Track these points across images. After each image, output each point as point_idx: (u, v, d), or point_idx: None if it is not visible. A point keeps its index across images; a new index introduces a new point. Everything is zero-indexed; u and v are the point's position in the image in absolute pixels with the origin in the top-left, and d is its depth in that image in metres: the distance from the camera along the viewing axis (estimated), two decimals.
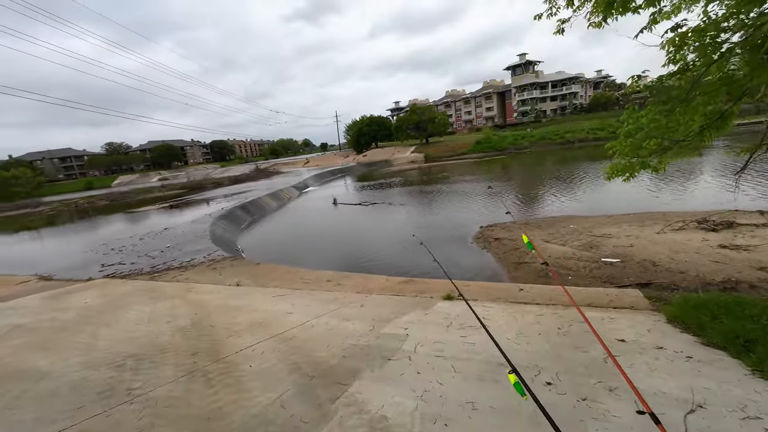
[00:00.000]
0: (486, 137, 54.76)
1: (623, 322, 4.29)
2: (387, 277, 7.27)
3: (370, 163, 54.37)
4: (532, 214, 14.32)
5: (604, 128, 49.62)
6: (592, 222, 11.63)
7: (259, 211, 22.69)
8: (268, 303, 5.87)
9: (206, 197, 31.25)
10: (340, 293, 6.41)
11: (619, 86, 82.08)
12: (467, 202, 18.38)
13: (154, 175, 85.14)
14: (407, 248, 11.66)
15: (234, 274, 8.66)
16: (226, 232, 16.30)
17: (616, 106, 68.30)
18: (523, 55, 72.47)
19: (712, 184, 15.82)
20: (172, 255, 11.34)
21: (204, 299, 6.27)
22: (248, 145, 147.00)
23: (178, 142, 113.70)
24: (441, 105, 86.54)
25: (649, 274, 7.31)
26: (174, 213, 23.98)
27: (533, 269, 8.52)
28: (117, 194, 45.32)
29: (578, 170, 24.58)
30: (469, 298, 5.93)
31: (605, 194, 16.35)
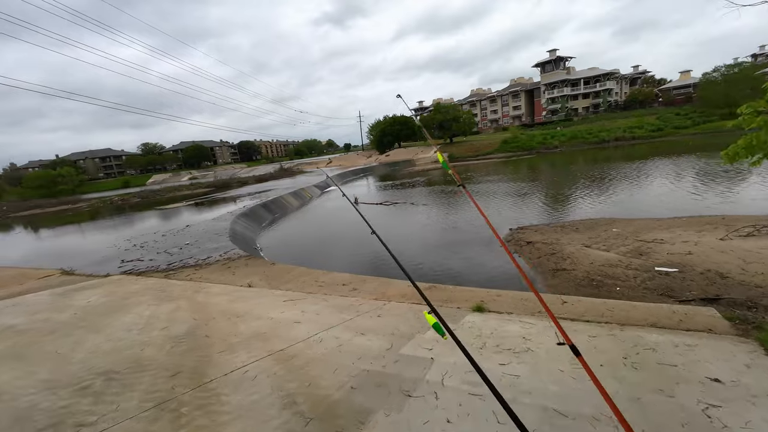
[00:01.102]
0: (513, 136, 52.76)
1: (706, 351, 3.41)
2: (408, 283, 6.57)
3: (393, 163, 53.74)
4: (567, 216, 13.19)
5: (643, 126, 46.63)
6: (637, 225, 10.43)
7: (281, 209, 22.59)
8: (277, 308, 5.34)
9: (231, 195, 31.70)
10: (355, 300, 5.80)
11: (658, 82, 77.27)
12: (493, 202, 17.36)
13: (185, 174, 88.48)
14: (430, 250, 10.93)
15: (248, 274, 8.26)
16: (246, 230, 16.16)
17: (655, 103, 64.23)
18: (554, 51, 69.49)
19: (762, 186, 14.01)
20: (189, 252, 11.17)
21: (210, 302, 5.83)
22: (274, 146, 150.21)
23: (207, 143, 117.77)
24: (466, 104, 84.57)
25: (716, 288, 6.23)
26: (198, 210, 24.34)
27: (573, 277, 7.57)
28: (149, 192, 47.12)
29: (615, 171, 22.86)
30: (503, 310, 5.17)
31: (644, 196, 14.89)
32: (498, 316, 4.86)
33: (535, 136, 51.38)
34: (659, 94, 67.07)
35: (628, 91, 71.43)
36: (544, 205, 15.80)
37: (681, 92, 62.99)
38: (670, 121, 46.49)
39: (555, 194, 17.92)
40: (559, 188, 19.42)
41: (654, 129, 45.20)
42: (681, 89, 63.71)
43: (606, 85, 66.50)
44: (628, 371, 2.96)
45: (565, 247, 9.24)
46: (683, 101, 58.25)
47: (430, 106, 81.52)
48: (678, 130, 43.92)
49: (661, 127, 45.30)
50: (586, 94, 68.18)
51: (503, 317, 4.80)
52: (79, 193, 65.60)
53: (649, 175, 19.37)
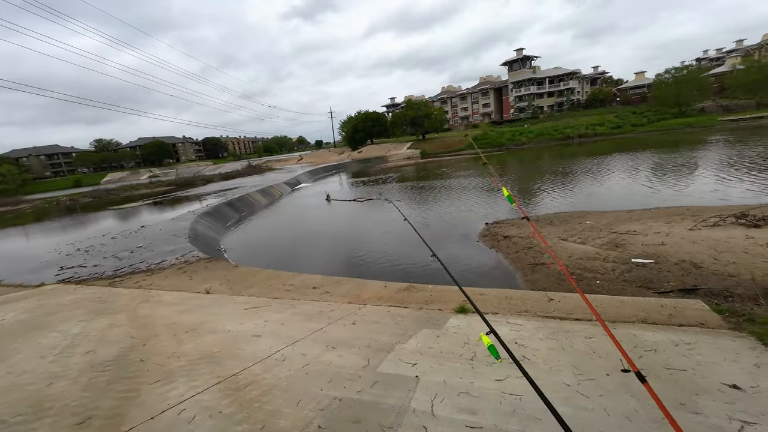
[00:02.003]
0: (483, 133, 53.70)
1: (708, 350, 3.15)
2: (385, 283, 6.09)
3: (366, 159, 53.09)
4: (540, 210, 13.22)
5: (604, 124, 48.85)
6: (610, 218, 10.54)
7: (248, 208, 21.39)
8: (236, 319, 4.67)
9: (194, 194, 29.84)
10: (327, 305, 5.22)
11: (616, 82, 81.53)
12: (467, 197, 17.25)
13: (144, 172, 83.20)
14: (405, 247, 10.50)
15: (207, 278, 7.43)
16: (209, 231, 15.03)
17: (614, 102, 67.66)
18: (521, 50, 71.42)
19: (711, 179, 14.76)
20: (142, 256, 10.07)
21: (156, 314, 5.04)
22: (242, 143, 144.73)
23: (169, 139, 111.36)
24: (437, 101, 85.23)
25: (692, 278, 6.22)
26: (156, 210, 22.59)
27: (553, 272, 7.40)
28: (102, 191, 43.61)
29: (581, 166, 23.57)
30: (488, 310, 4.78)
31: (611, 189, 15.27)
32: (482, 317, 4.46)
33: (504, 133, 52.53)
34: (617, 94, 70.74)
35: (589, 91, 74.81)
36: (518, 200, 15.86)
37: (637, 92, 66.74)
38: (627, 119, 49.01)
39: (527, 189, 18.10)
40: (531, 183, 19.69)
41: (614, 126, 47.48)
42: (637, 89, 67.50)
43: (569, 84, 69.23)
44: (637, 381, 2.61)
45: (541, 241, 9.11)
46: (639, 100, 61.72)
47: (402, 103, 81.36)
48: (635, 128, 46.37)
49: (620, 124, 47.66)
50: (551, 93, 70.65)
51: (490, 319, 4.39)
52: (22, 193, 59.67)
53: (612, 170, 20.05)
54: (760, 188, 12.19)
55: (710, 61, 74.11)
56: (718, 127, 38.55)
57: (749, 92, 45.80)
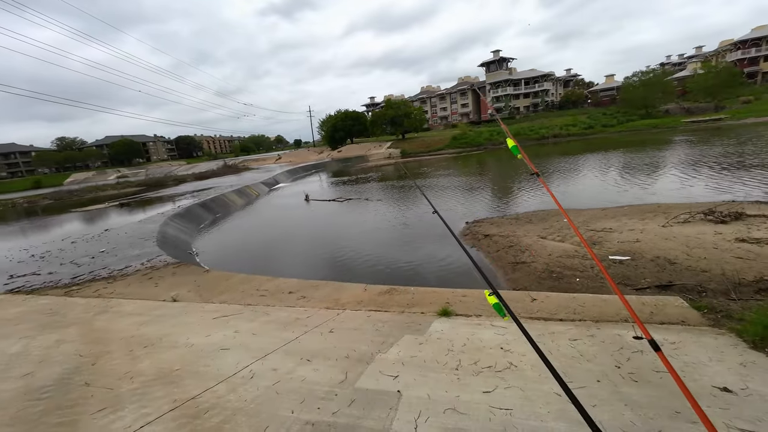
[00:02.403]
0: (462, 133, 54.35)
1: (693, 349, 3.11)
2: (365, 286, 5.86)
3: (345, 159, 52.60)
4: (519, 208, 13.34)
5: (577, 124, 50.49)
6: (586, 215, 10.73)
7: (223, 209, 20.60)
8: (203, 330, 4.30)
9: (165, 194, 28.52)
10: (303, 310, 4.94)
11: (587, 84, 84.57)
12: (448, 197, 17.26)
13: (112, 172, 79.22)
14: (386, 248, 10.30)
15: (174, 284, 6.96)
16: (180, 233, 14.31)
17: (586, 104, 70.15)
18: (497, 52, 72.81)
19: (676, 177, 15.42)
20: (104, 262, 9.38)
21: (113, 327, 4.59)
22: (217, 142, 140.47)
23: (139, 138, 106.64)
24: (416, 101, 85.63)
25: (667, 274, 6.34)
26: (123, 212, 21.38)
27: (533, 270, 7.38)
28: (64, 193, 41.03)
29: (556, 165, 24.15)
30: (472, 313, 4.64)
31: (585, 187, 15.64)
32: (467, 321, 4.32)
33: (483, 133, 53.37)
34: (589, 96, 73.42)
35: (562, 92, 77.24)
36: (497, 198, 16.00)
37: (607, 94, 69.48)
38: (598, 120, 50.88)
39: (506, 187, 18.32)
40: (509, 181, 19.95)
41: (586, 127, 49.18)
42: (607, 91, 70.27)
43: (543, 85, 71.21)
44: (630, 386, 2.51)
45: (522, 239, 9.13)
46: (609, 102, 64.28)
47: (381, 102, 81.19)
48: (606, 128, 48.20)
49: (592, 125, 49.41)
50: (526, 94, 72.44)
51: (473, 322, 4.26)
52: None
53: (586, 169, 20.63)
54: (722, 186, 12.77)
55: (673, 66, 78.17)
56: (682, 128, 40.59)
57: (708, 95, 48.61)
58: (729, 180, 13.52)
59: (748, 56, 58.14)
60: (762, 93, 48.91)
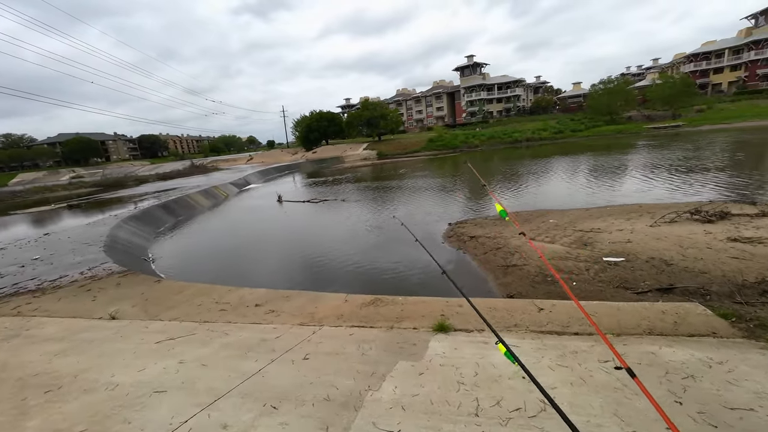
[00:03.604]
0: (438, 135, 54.53)
1: (746, 370, 2.57)
2: (345, 296, 5.07)
3: (321, 160, 51.32)
4: None
5: (547, 129, 51.98)
6: (571, 216, 10.47)
7: (186, 210, 19.04)
8: (137, 360, 3.36)
9: (123, 195, 26.26)
10: (272, 329, 4.09)
11: (556, 91, 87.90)
12: (427, 198, 16.76)
13: (66, 172, 73.16)
14: (368, 252, 9.53)
15: (116, 298, 5.85)
16: (135, 237, 12.85)
17: (555, 109, 72.71)
18: (471, 57, 74.10)
19: (646, 178, 15.75)
20: (35, 271, 8.00)
21: (20, 358, 3.55)
22: (185, 141, 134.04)
23: (97, 136, 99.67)
24: (392, 103, 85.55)
25: (666, 276, 6.00)
26: (72, 214, 19.30)
27: (526, 273, 6.88)
28: (6, 194, 37.15)
29: (532, 167, 24.35)
30: (472, 326, 3.98)
31: (562, 189, 15.57)
32: (469, 338, 3.64)
33: (458, 136, 53.84)
34: (558, 102, 76.20)
35: (533, 98, 79.76)
36: (477, 199, 15.64)
37: (574, 101, 72.39)
38: (567, 125, 52.68)
39: (483, 189, 18.06)
40: (486, 183, 19.75)
41: (556, 131, 50.72)
42: (574, 98, 73.24)
43: (516, 91, 73.18)
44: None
45: (510, 241, 8.67)
46: (576, 108, 66.88)
47: (357, 104, 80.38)
48: (575, 133, 49.94)
49: (561, 130, 51.04)
50: (499, 99, 74.15)
51: (477, 339, 3.59)
52: None
53: (561, 171, 20.84)
54: (689, 187, 12.98)
55: (633, 76, 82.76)
56: (645, 134, 42.65)
57: (666, 104, 51.57)
58: (695, 181, 13.83)
59: (700, 68, 62.45)
60: (713, 103, 52.56)
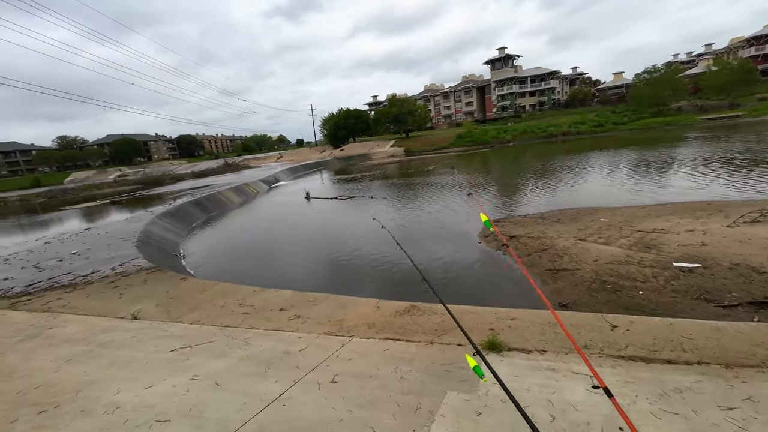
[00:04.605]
0: (468, 131, 52.92)
1: None
2: (377, 302, 4.55)
3: (348, 157, 51.31)
4: (540, 206, 11.97)
5: (585, 122, 49.03)
6: (624, 214, 9.37)
7: (218, 207, 19.35)
8: (147, 374, 3.02)
9: (160, 192, 27.32)
10: (296, 338, 3.64)
11: (594, 83, 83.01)
12: (458, 195, 15.93)
13: (112, 171, 78.13)
14: (396, 250, 8.96)
15: (140, 296, 5.67)
16: (168, 233, 13.06)
17: (593, 102, 68.61)
18: (503, 49, 71.33)
19: (693, 173, 13.99)
20: (71, 266, 8.12)
21: (27, 365, 3.32)
22: (219, 141, 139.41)
23: (140, 137, 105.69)
24: (420, 99, 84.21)
25: (758, 287, 5.01)
26: (113, 210, 20.18)
27: (580, 279, 6.06)
28: (59, 191, 39.95)
29: (572, 162, 22.74)
30: (531, 346, 3.33)
31: (608, 185, 14.15)
32: (530, 361, 3.00)
33: (489, 131, 51.97)
34: (596, 94, 71.81)
35: (568, 91, 75.66)
36: (511, 197, 14.64)
37: (615, 92, 67.84)
38: (608, 118, 49.36)
39: (518, 185, 16.94)
40: (525, 179, 18.57)
41: (595, 125, 47.68)
42: (615, 89, 68.66)
43: (550, 84, 69.65)
44: None
45: (557, 241, 7.81)
46: (617, 100, 62.61)
47: (384, 101, 79.90)
48: (616, 126, 46.72)
49: (601, 123, 47.92)
50: (532, 92, 70.90)
51: (541, 364, 2.94)
52: None
53: (605, 166, 19.23)
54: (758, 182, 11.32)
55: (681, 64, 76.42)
56: (698, 126, 39.09)
57: (721, 92, 47.03)
58: (762, 176, 12.08)
59: (762, 53, 56.45)
60: None
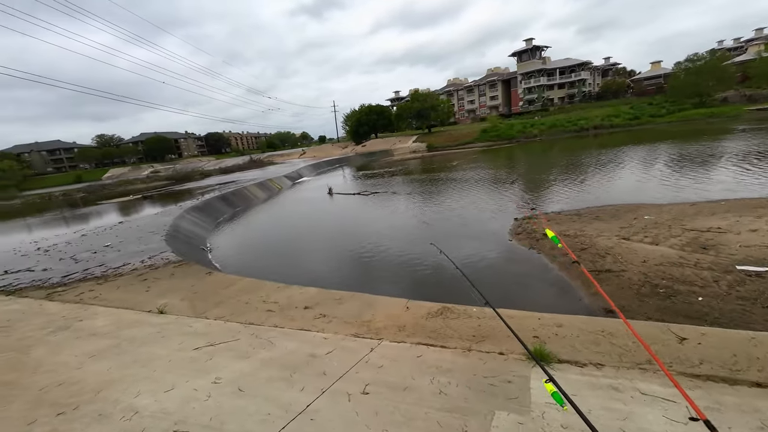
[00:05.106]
0: (493, 125, 51.48)
1: None
2: (407, 302, 4.27)
3: (370, 153, 51.18)
4: (574, 203, 11.28)
5: (619, 115, 46.52)
6: (672, 211, 8.60)
7: (243, 202, 19.66)
8: (169, 374, 2.88)
9: (189, 188, 28.19)
10: (322, 340, 3.42)
11: (629, 73, 78.65)
12: (484, 190, 15.35)
13: (146, 167, 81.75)
14: (422, 247, 8.62)
15: (167, 290, 5.66)
16: (196, 227, 13.31)
17: (627, 93, 65.05)
18: (530, 40, 68.76)
19: (743, 169, 12.66)
20: (105, 258, 8.33)
21: (52, 359, 3.28)
22: (244, 138, 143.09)
23: (171, 135, 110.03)
24: (443, 94, 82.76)
25: None
26: (144, 204, 20.93)
27: (627, 282, 5.53)
28: (97, 187, 42.16)
29: (600, 156, 21.49)
30: (585, 359, 2.96)
31: (648, 181, 13.13)
32: (587, 377, 2.63)
33: (514, 125, 50.33)
34: (631, 85, 68.00)
35: (600, 82, 72.05)
36: (542, 192, 13.93)
37: (652, 82, 63.93)
38: (644, 110, 46.57)
39: (548, 181, 16.12)
40: (556, 173, 17.69)
41: (631, 117, 45.10)
42: (652, 79, 64.71)
43: (581, 75, 66.54)
44: None
45: (598, 240, 7.24)
46: (654, 91, 58.97)
47: (406, 97, 79.09)
48: (654, 119, 44.01)
49: (637, 115, 45.29)
50: (561, 84, 68.03)
51: (601, 381, 2.57)
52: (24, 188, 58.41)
53: (643, 160, 18.01)
54: None
55: (728, 51, 70.95)
56: (746, 117, 36.14)
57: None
58: None
59: None
60: None
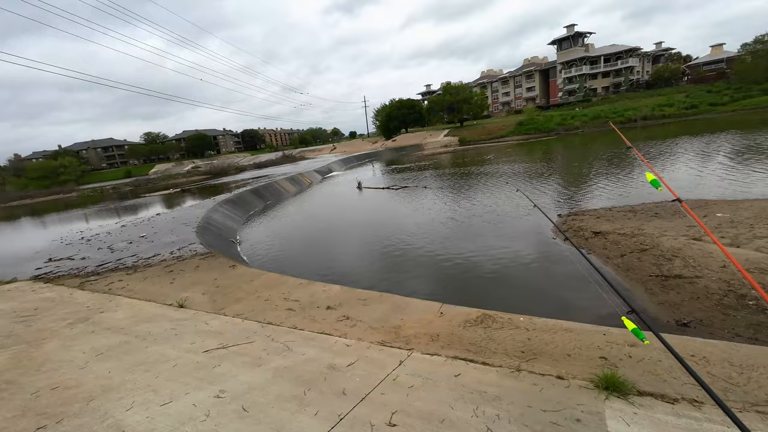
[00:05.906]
0: (529, 118, 49.01)
1: None
2: (440, 306, 3.76)
3: (400, 147, 50.55)
4: (621, 198, 10.13)
5: (673, 104, 42.57)
6: (752, 208, 7.39)
7: (274, 195, 19.86)
8: (173, 381, 2.59)
9: (224, 182, 29.09)
10: (344, 347, 3.00)
11: (684, 59, 71.99)
12: (522, 184, 14.34)
13: (188, 163, 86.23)
14: (457, 246, 8.01)
15: (191, 282, 5.52)
16: (227, 220, 13.49)
17: (683, 81, 59.58)
18: (572, 27, 64.63)
19: None
20: (137, 248, 8.49)
21: (62, 355, 3.11)
22: (278, 135, 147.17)
23: (210, 132, 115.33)
24: (476, 86, 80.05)
25: None
26: (183, 198, 21.75)
27: (704, 291, 4.67)
28: (143, 181, 44.84)
29: (650, 148, 19.52)
30: (662, 390, 2.31)
31: (711, 175, 11.59)
32: (677, 416, 2.01)
33: (553, 117, 47.56)
34: (687, 71, 62.15)
35: (651, 70, 66.48)
36: (585, 186, 12.74)
37: (712, 68, 58.02)
38: (703, 98, 42.28)
39: (594, 175, 14.78)
40: (596, 169, 16.25)
41: (687, 107, 41.11)
42: (712, 65, 58.74)
43: (628, 62, 61.68)
44: None
45: (661, 240, 6.30)
46: (715, 77, 53.45)
47: (438, 90, 77.34)
48: (714, 107, 39.83)
49: (695, 104, 41.20)
50: (606, 73, 63.48)
51: (698, 424, 1.94)
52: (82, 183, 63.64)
53: (704, 152, 16.09)
54: None
55: None
56: None
57: None
58: None
59: None
60: None
